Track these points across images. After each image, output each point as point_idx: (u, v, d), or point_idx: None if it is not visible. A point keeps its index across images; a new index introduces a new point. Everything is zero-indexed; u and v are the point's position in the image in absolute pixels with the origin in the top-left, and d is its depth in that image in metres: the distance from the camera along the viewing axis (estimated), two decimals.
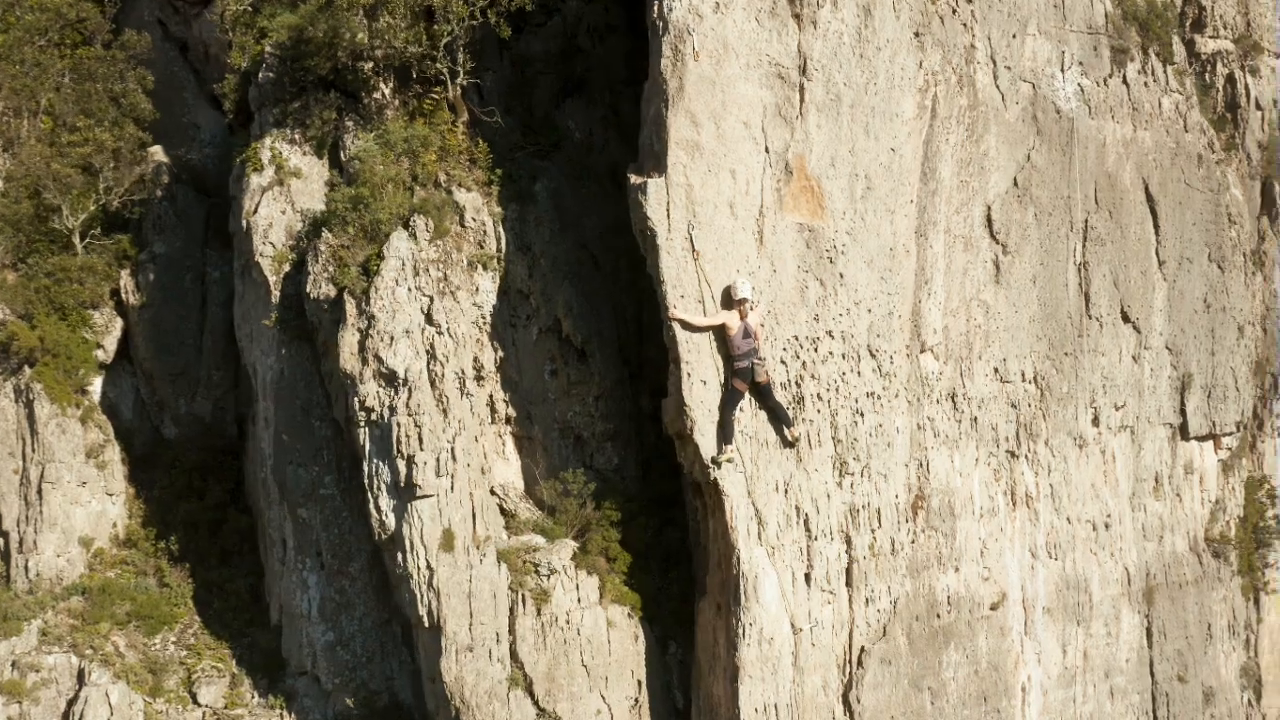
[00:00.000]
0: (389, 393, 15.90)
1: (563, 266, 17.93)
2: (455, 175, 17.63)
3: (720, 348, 15.52)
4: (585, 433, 18.03)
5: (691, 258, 15.33)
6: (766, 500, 15.80)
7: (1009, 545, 18.04)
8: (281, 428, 17.87)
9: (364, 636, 18.17)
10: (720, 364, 15.50)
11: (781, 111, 15.89)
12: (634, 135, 19.50)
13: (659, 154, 15.21)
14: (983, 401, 17.83)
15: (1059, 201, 18.49)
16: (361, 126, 18.32)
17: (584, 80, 19.31)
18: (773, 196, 15.88)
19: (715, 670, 16.08)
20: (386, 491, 15.88)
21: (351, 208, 16.96)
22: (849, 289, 16.46)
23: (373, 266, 16.28)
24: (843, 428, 16.43)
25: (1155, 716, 19.32)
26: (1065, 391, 18.67)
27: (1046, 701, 18.21)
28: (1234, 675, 21.14)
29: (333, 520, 17.93)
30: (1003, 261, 18.03)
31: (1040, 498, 18.26)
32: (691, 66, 15.03)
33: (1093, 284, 18.91)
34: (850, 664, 16.47)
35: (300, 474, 17.81)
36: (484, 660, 15.50)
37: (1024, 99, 18.20)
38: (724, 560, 15.82)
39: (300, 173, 18.34)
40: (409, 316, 15.95)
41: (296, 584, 18.16)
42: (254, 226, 17.91)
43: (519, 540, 16.41)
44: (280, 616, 18.84)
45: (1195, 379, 20.50)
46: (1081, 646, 18.57)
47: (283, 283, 17.84)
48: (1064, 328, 18.67)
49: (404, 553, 15.69)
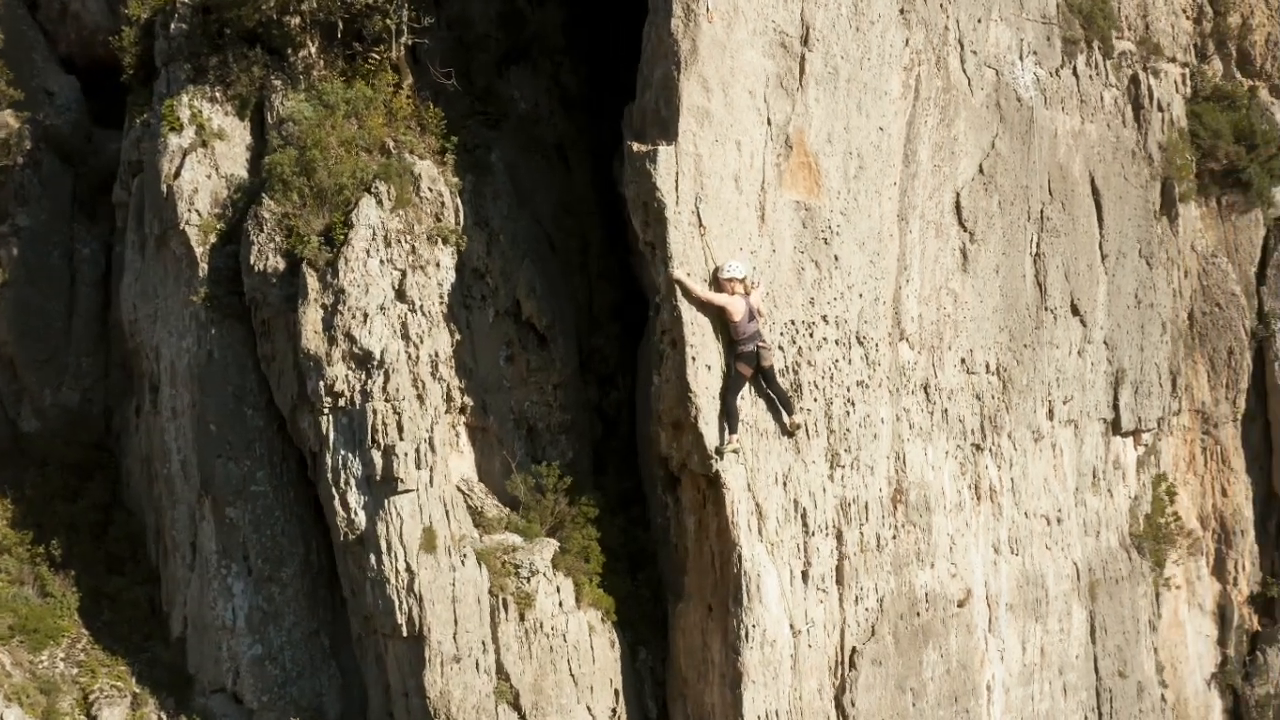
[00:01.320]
0: (360, 376, 14.45)
1: (522, 244, 16.77)
2: (406, 141, 16.23)
3: (720, 332, 14.67)
4: (540, 424, 16.89)
5: (698, 233, 14.46)
6: (767, 494, 15.04)
7: (973, 541, 17.78)
8: (209, 417, 16.10)
9: (293, 649, 16.56)
10: (722, 348, 14.65)
11: (783, 82, 15.19)
12: (577, 107, 18.64)
13: (667, 120, 14.28)
14: (952, 393, 17.53)
15: (1019, 191, 18.38)
16: (291, 86, 16.73)
17: (528, 48, 18.15)
18: (773, 172, 15.16)
19: (707, 677, 15.19)
20: (356, 486, 14.44)
21: (300, 172, 15.39)
22: (843, 272, 15.87)
23: (337, 236, 14.78)
24: (836, 418, 15.82)
25: (1100, 713, 19.39)
26: (1025, 384, 18.56)
27: (1009, 700, 18.02)
28: (1154, 670, 21.48)
29: (264, 520, 16.26)
30: (970, 250, 17.78)
31: (1003, 492, 18.07)
32: (705, 28, 14.17)
33: (1048, 275, 18.89)
34: (843, 665, 15.86)
35: (231, 469, 16.09)
36: (471, 672, 14.21)
37: (988, 85, 18.01)
38: (721, 559, 14.97)
39: (224, 134, 16.65)
40: (382, 292, 14.52)
41: (217, 592, 16.39)
42: (177, 192, 16.12)
43: (494, 539, 15.17)
44: (185, 628, 17.06)
45: (1127, 374, 20.76)
46: (1039, 643, 18.48)
47: (210, 255, 16.09)
48: (1023, 319, 18.56)
49: (378, 554, 14.27)
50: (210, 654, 16.66)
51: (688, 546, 15.72)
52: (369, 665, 15.80)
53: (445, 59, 17.56)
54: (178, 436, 17.04)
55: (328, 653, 16.66)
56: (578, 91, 18.61)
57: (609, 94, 18.05)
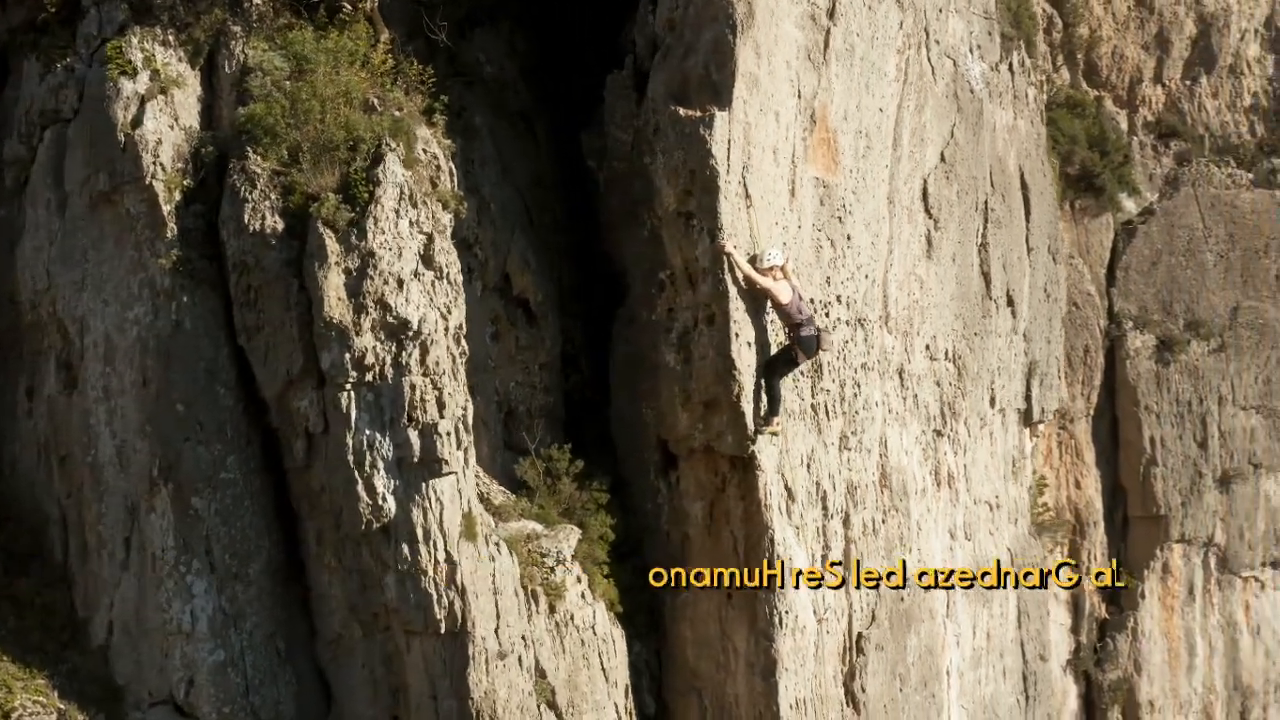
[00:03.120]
0: (390, 347, 13.43)
1: (512, 215, 16.09)
2: (393, 99, 15.26)
3: (754, 312, 14.52)
4: (520, 407, 16.22)
5: (745, 204, 14.23)
6: (794, 476, 14.93)
7: (934, 526, 18.20)
8: (176, 396, 14.61)
9: (254, 654, 15.20)
10: (759, 329, 14.49)
11: (810, 55, 15.17)
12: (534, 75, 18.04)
13: (719, 86, 14.03)
14: (919, 378, 17.90)
15: (971, 181, 18.98)
16: (253, 34, 15.50)
17: (494, 8, 17.45)
18: (800, 146, 15.09)
19: (729, 667, 14.96)
20: (385, 469, 13.38)
21: (295, 124, 14.24)
22: (854, 251, 15.99)
23: (360, 194, 13.71)
24: (847, 399, 15.88)
25: (1027, 696, 20.18)
26: (975, 371, 19.16)
27: (962, 684, 18.53)
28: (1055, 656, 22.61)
29: (233, 512, 14.86)
30: (934, 237, 18.22)
31: (960, 478, 18.58)
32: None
33: (991, 266, 19.56)
34: (850, 651, 15.90)
35: (201, 454, 14.64)
36: (514, 669, 13.43)
37: (948, 75, 18.53)
38: (748, 544, 14.78)
39: (180, 82, 15.20)
40: (415, 256, 13.59)
41: (172, 593, 14.85)
42: (140, 143, 14.56)
43: (513, 527, 14.42)
44: (109, 635, 15.45)
45: (1038, 366, 21.73)
46: (986, 628, 19.08)
47: (176, 214, 14.66)
48: (973, 307, 19.17)
49: (412, 544, 13.29)
50: (152, 662, 15.09)
51: (688, 533, 15.44)
52: (348, 669, 14.69)
53: (406, 17, 16.69)
54: (111, 420, 15.39)
55: (283, 657, 15.44)
56: (534, 59, 18.01)
57: (561, 63, 17.67)
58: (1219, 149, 27.41)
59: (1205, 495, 26.47)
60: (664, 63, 14.77)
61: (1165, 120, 27.61)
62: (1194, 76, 27.60)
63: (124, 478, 15.27)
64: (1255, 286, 26.88)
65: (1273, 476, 26.93)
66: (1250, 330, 26.80)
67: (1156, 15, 27.41)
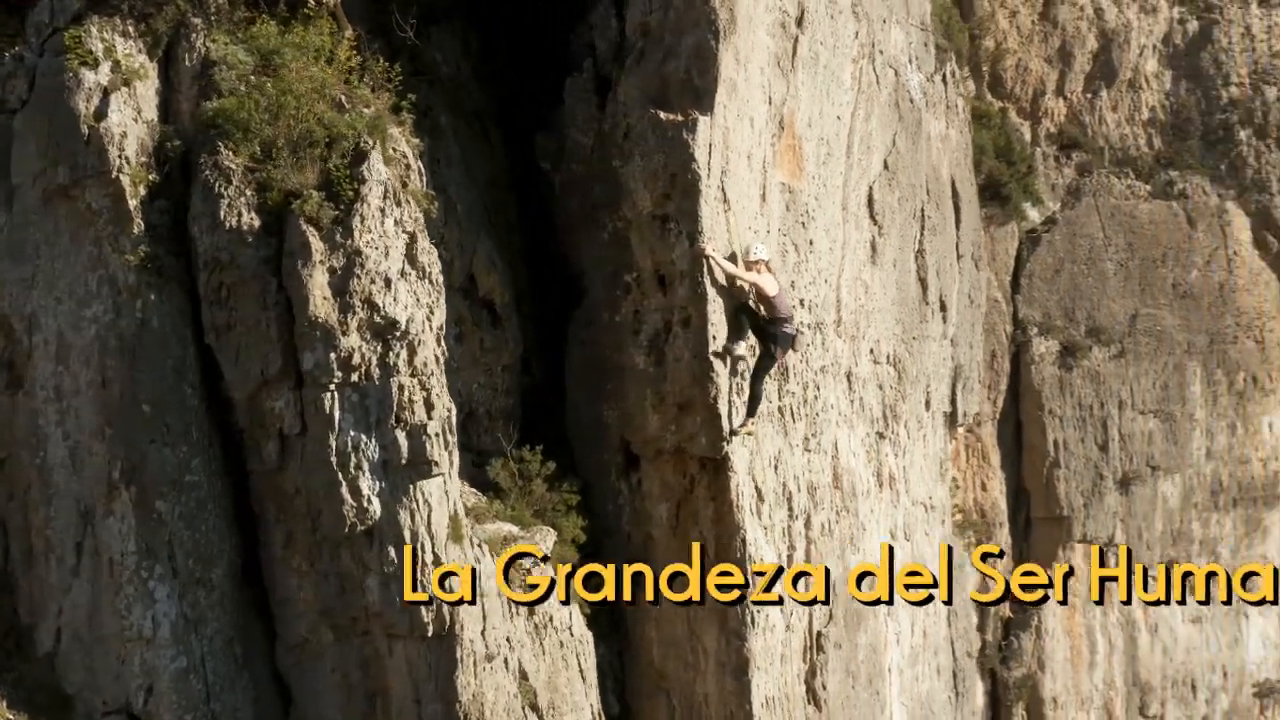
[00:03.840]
0: (376, 347, 13.45)
1: (476, 215, 16.19)
2: (361, 96, 15.27)
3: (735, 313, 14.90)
4: (481, 409, 16.33)
5: (723, 208, 14.58)
6: (764, 477, 15.33)
7: (876, 526, 18.77)
8: (143, 397, 14.40)
9: (214, 660, 15.07)
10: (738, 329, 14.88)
11: (780, 63, 15.61)
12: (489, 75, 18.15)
13: (701, 91, 14.38)
14: (864, 381, 18.46)
15: (910, 188, 19.63)
16: (214, 27, 15.37)
17: (449, 8, 17.52)
18: (770, 152, 15.51)
19: (699, 667, 15.28)
20: (370, 471, 13.40)
21: (271, 118, 14.18)
22: (816, 256, 16.46)
23: (344, 191, 13.70)
24: (808, 402, 16.34)
25: (957, 692, 20.90)
26: (914, 375, 19.81)
27: (902, 681, 19.13)
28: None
29: (198, 515, 14.71)
30: (878, 243, 18.81)
31: (900, 479, 19.18)
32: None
33: (928, 272, 20.22)
34: (811, 650, 16.34)
35: (167, 456, 14.46)
36: (501, 672, 13.56)
37: (890, 84, 19.15)
38: (718, 544, 15.10)
39: (143, 74, 14.99)
40: (400, 255, 13.63)
41: (133, 598, 14.64)
42: (105, 135, 14.33)
43: (489, 529, 14.54)
44: (57, 642, 15.17)
45: (963, 370, 22.50)
46: (923, 626, 19.72)
47: (142, 209, 14.46)
48: (911, 312, 19.82)
49: (398, 546, 13.33)
50: (107, 670, 14.84)
51: (651, 534, 15.74)
52: (314, 674, 14.63)
53: (367, 15, 16.70)
54: (63, 421, 15.10)
55: (240, 663, 15.32)
56: (487, 60, 18.12)
57: (511, 64, 17.85)
58: (1118, 161, 28.63)
59: (1106, 497, 27.62)
60: (638, 66, 15.05)
61: (1067, 132, 28.73)
62: (1095, 90, 28.77)
63: (77, 481, 14.99)
64: (1153, 295, 28.14)
65: (1169, 478, 28.20)
66: (1148, 337, 28.05)
67: (1060, 30, 28.51)
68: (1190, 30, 28.72)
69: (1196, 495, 28.32)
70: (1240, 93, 28.78)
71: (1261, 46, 28.72)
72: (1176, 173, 28.47)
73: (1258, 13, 28.75)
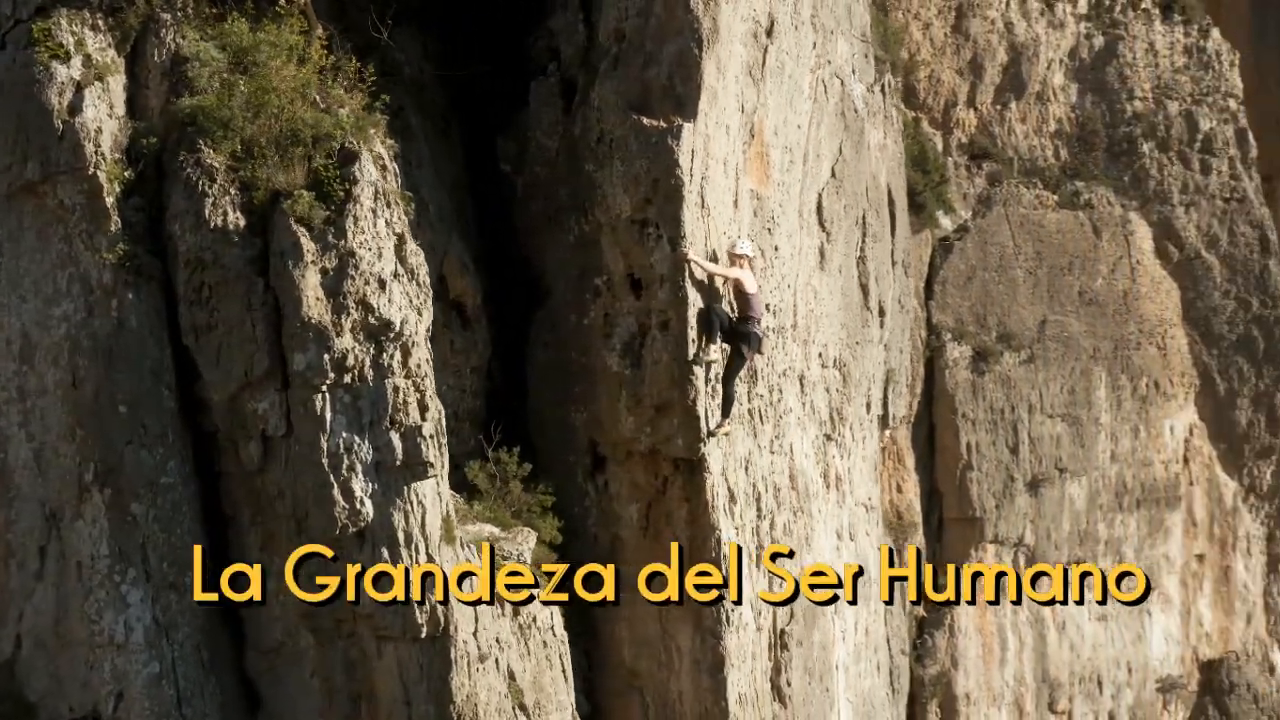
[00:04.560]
0: (369, 348, 13.61)
1: (448, 217, 16.40)
2: (336, 96, 15.39)
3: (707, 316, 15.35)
4: (449, 411, 16.49)
5: (703, 214, 15.03)
6: (736, 477, 15.81)
7: (824, 527, 19.37)
8: (121, 397, 14.35)
9: (184, 665, 15.09)
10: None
11: (751, 71, 16.11)
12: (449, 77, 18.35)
13: (683, 99, 14.84)
14: (814, 384, 19.06)
15: (854, 196, 20.30)
16: (183, 23, 15.38)
17: (410, 9, 17.68)
18: (741, 159, 16.00)
19: (675, 666, 15.74)
20: (363, 473, 13.54)
21: (253, 115, 14.25)
22: (780, 261, 16.99)
23: (334, 191, 13.83)
24: (773, 404, 16.86)
25: (893, 688, 21.61)
26: (857, 378, 20.46)
27: (848, 678, 19.74)
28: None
29: (173, 518, 14.72)
30: (826, 249, 19.43)
31: (846, 481, 19.81)
32: (724, 8, 14.83)
33: (869, 277, 20.90)
34: (775, 648, 16.84)
35: (144, 458, 14.45)
36: (493, 673, 13.80)
37: (836, 94, 19.79)
38: (692, 544, 15.54)
39: (113, 69, 14.94)
40: (392, 256, 13.80)
41: (104, 603, 14.62)
42: (81, 131, 14.25)
43: (472, 530, 14.77)
44: (18, 649, 15.08)
45: (894, 373, 23.26)
46: (865, 624, 20.36)
47: (119, 207, 14.41)
48: (855, 317, 20.48)
49: (392, 548, 13.50)
50: (74, 676, 14.80)
51: (619, 535, 16.13)
52: (290, 679, 14.73)
53: (334, 14, 16.81)
54: (27, 422, 14.98)
55: (207, 668, 15.33)
56: (446, 61, 18.30)
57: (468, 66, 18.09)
58: (1027, 171, 29.70)
59: (1016, 498, 28.63)
60: (614, 72, 15.42)
61: (978, 142, 29.73)
62: (1005, 102, 29.80)
63: (42, 483, 14.92)
64: (1060, 302, 29.25)
65: (1076, 480, 29.31)
66: (1056, 343, 29.13)
67: (971, 42, 29.50)
68: (1096, 45, 29.90)
69: (1102, 497, 29.47)
70: (1144, 107, 30.04)
71: (1164, 62, 30.02)
72: (1082, 183, 29.59)
73: (1161, 29, 30.05)
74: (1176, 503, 30.16)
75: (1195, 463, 30.37)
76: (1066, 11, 29.71)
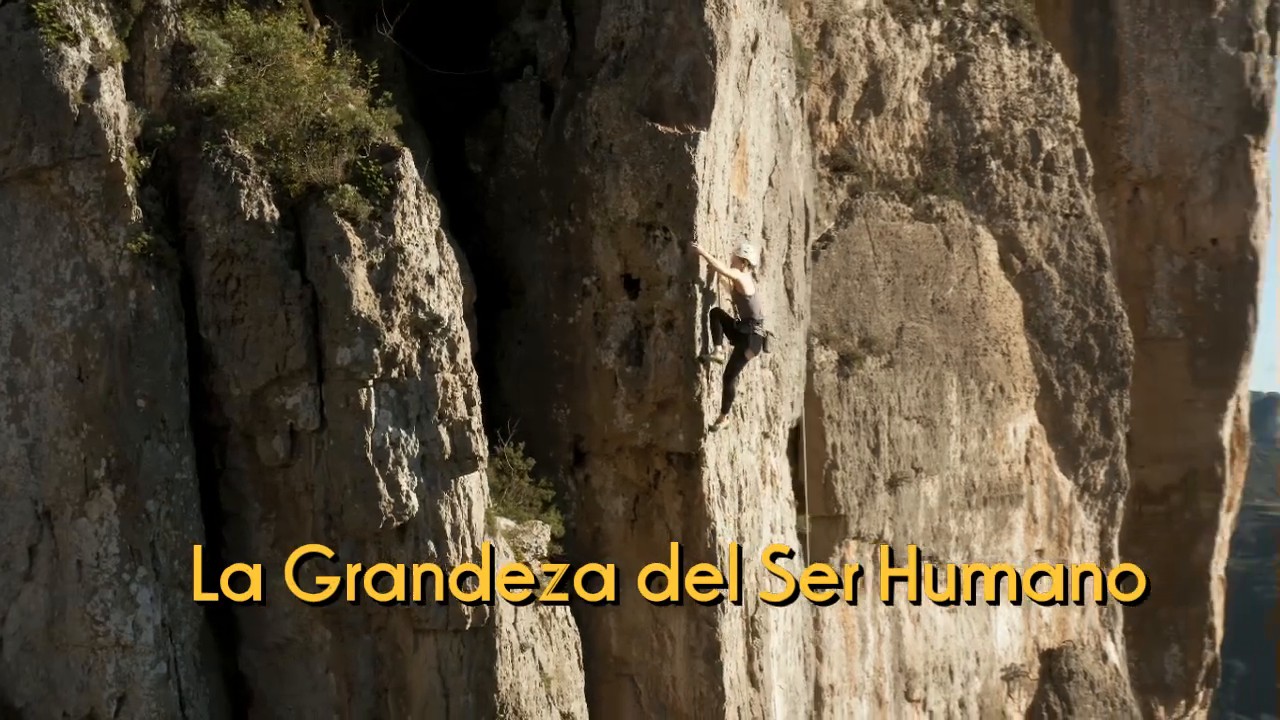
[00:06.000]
0: (415, 343, 13.84)
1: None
2: (343, 93, 15.53)
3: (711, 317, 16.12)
4: None
5: (709, 217, 15.77)
6: (725, 471, 16.59)
7: (763, 521, 20.32)
8: (141, 391, 14.16)
9: (186, 664, 15.03)
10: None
11: (739, 84, 16.91)
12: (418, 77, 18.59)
13: (697, 107, 15.53)
14: (755, 385, 19.99)
15: (785, 205, 21.33)
16: (186, 11, 15.32)
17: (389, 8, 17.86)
18: (729, 166, 16.81)
19: (668, 652, 16.41)
20: (409, 467, 13.76)
21: (277, 107, 14.31)
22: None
23: (378, 187, 13.99)
24: (749, 401, 17.70)
25: (807, 676, 22.71)
26: (786, 379, 21.48)
27: (779, 665, 20.72)
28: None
29: (184, 515, 14.62)
30: (765, 255, 20.40)
31: (779, 477, 20.81)
32: (735, 22, 15.63)
33: (794, 283, 21.98)
34: (748, 635, 17.67)
35: (161, 453, 14.31)
36: (531, 663, 14.20)
37: (771, 108, 20.80)
38: (688, 535, 16.27)
39: (121, 55, 14.74)
40: (436, 253, 14.06)
41: (111, 603, 14.44)
42: (100, 116, 14.01)
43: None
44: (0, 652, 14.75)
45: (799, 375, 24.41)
46: (790, 613, 21.40)
47: (137, 196, 14.23)
48: (783, 320, 21.51)
49: (438, 541, 13.77)
50: (70, 679, 14.56)
51: (601, 528, 16.73)
52: (297, 676, 14.87)
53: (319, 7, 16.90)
54: (20, 417, 14.61)
55: (201, 667, 15.25)
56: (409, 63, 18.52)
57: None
58: (885, 184, 31.35)
59: (877, 496, 30.24)
60: (615, 79, 15.98)
61: (839, 155, 31.24)
62: (864, 117, 31.39)
63: (35, 480, 14.61)
64: (916, 309, 31.02)
65: (930, 479, 31.12)
66: (913, 348, 30.89)
67: (835, 59, 30.97)
68: (949, 66, 31.80)
69: (953, 495, 31.38)
70: (992, 125, 32.11)
71: (1011, 84, 32.17)
72: (935, 197, 31.42)
73: (1009, 53, 32.19)
74: (1019, 501, 32.34)
75: (1035, 463, 32.65)
76: (922, 33, 31.51)
